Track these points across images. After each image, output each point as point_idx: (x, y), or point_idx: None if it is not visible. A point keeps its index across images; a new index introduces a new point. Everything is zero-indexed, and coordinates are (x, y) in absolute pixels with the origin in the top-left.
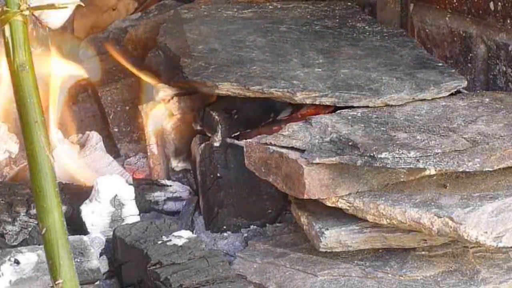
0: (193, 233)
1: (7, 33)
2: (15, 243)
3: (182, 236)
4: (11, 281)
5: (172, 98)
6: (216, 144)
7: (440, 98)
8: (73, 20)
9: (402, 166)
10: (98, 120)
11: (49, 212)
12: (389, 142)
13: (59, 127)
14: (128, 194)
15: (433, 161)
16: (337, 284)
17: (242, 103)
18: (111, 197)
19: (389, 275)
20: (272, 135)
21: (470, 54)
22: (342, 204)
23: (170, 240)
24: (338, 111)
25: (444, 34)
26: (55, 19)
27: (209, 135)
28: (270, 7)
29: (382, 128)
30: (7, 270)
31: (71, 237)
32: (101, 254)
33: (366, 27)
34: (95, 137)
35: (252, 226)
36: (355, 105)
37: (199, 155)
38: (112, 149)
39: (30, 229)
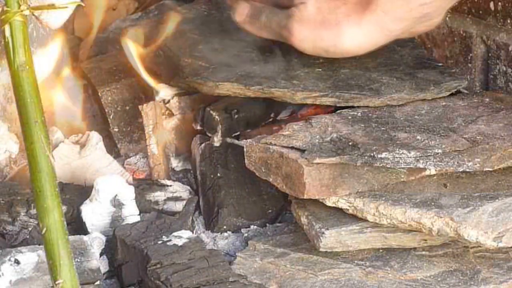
0: (193, 233)
1: (7, 33)
2: (15, 243)
3: (182, 236)
4: (11, 281)
5: (172, 98)
6: (216, 144)
7: (440, 98)
8: (73, 20)
9: (402, 166)
10: (98, 120)
11: (49, 212)
12: (389, 142)
13: (59, 127)
14: (128, 194)
15: (433, 161)
16: (337, 284)
17: (242, 103)
18: (111, 197)
19: (390, 275)
20: (272, 135)
21: (470, 54)
22: (342, 204)
23: (170, 240)
24: (338, 111)
25: (444, 34)
26: (55, 19)
27: (209, 135)
28: None
29: (382, 128)
30: (7, 270)
31: (71, 237)
32: (101, 254)
33: None
34: (95, 137)
35: (252, 226)
36: (355, 105)
37: (199, 155)
38: (112, 149)
39: (30, 229)
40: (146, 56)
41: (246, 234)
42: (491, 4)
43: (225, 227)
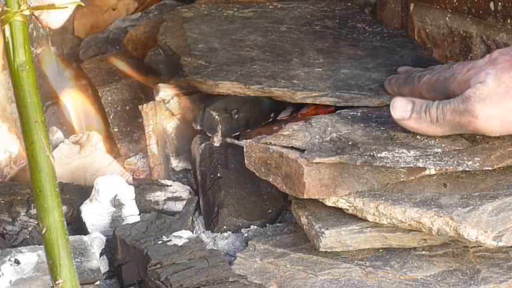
0: (193, 233)
1: (7, 33)
2: (15, 243)
3: (182, 236)
4: (11, 281)
5: (172, 98)
6: (216, 144)
7: None
8: (73, 20)
9: (402, 166)
10: (98, 120)
11: (49, 212)
12: (389, 141)
13: (59, 127)
14: (128, 194)
15: (433, 160)
16: (337, 284)
17: (242, 103)
18: (111, 197)
19: (390, 274)
20: (272, 135)
21: (470, 54)
22: (342, 204)
23: (170, 240)
24: (338, 111)
25: (444, 34)
26: (55, 19)
27: (209, 135)
28: (270, 7)
29: (382, 128)
30: (7, 270)
31: (71, 237)
32: (101, 254)
33: (366, 28)
34: (95, 137)
35: (252, 226)
36: (355, 105)
37: (199, 155)
38: (112, 149)
39: (30, 229)
40: None
41: (246, 234)
42: (491, 4)
43: (225, 227)
